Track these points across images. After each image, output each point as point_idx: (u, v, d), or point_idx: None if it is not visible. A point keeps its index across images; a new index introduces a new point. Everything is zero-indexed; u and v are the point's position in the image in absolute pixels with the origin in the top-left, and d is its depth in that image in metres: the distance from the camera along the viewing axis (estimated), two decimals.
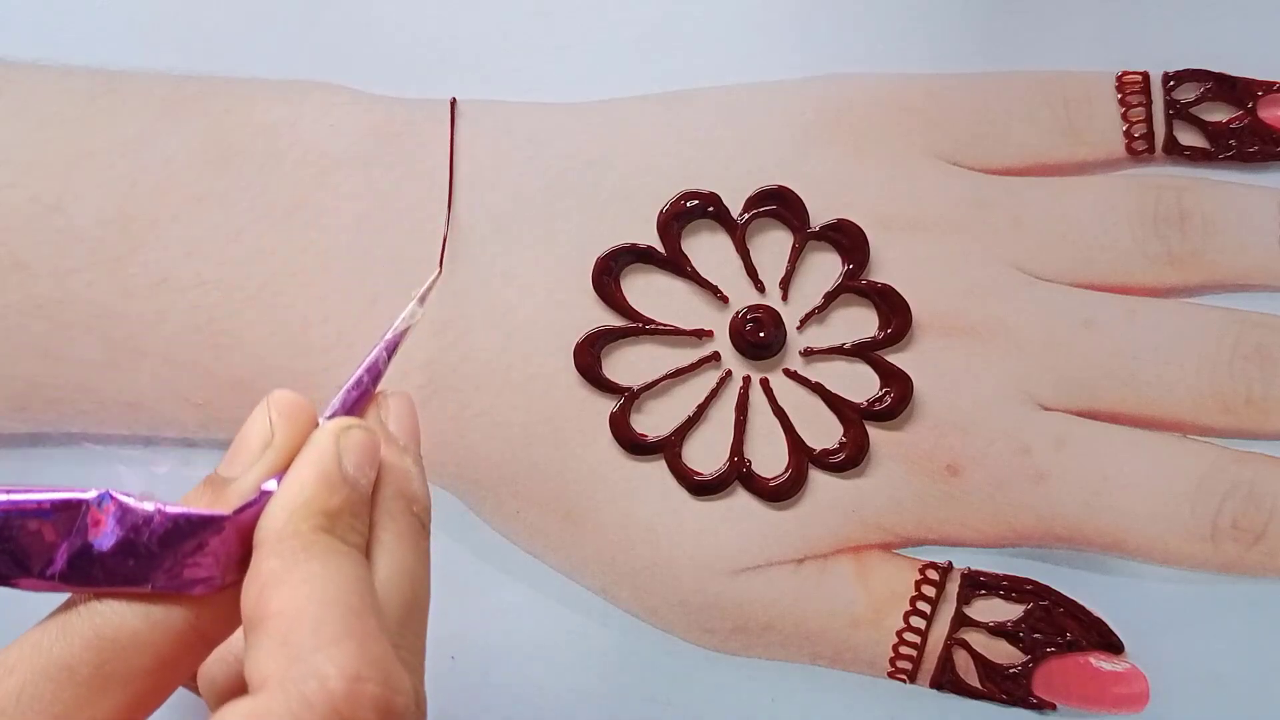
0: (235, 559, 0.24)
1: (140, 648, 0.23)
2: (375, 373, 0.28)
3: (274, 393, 0.26)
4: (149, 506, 0.24)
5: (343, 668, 0.21)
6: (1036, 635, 0.35)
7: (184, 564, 0.23)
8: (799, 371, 0.36)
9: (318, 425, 0.26)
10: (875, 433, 0.35)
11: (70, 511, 0.23)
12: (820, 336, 0.36)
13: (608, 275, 0.36)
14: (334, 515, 0.24)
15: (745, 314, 0.36)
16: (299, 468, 0.25)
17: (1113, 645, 0.35)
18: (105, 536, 0.23)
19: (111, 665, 0.23)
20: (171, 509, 0.24)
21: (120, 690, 0.23)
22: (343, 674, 0.21)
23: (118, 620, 0.23)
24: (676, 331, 0.36)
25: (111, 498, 0.23)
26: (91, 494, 0.23)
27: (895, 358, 0.36)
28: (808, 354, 0.36)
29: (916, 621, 0.35)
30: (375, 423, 0.27)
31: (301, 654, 0.21)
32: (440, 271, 0.35)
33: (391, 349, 0.29)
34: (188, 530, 0.24)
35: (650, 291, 0.36)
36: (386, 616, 0.24)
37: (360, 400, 0.28)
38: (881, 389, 0.36)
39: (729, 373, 0.36)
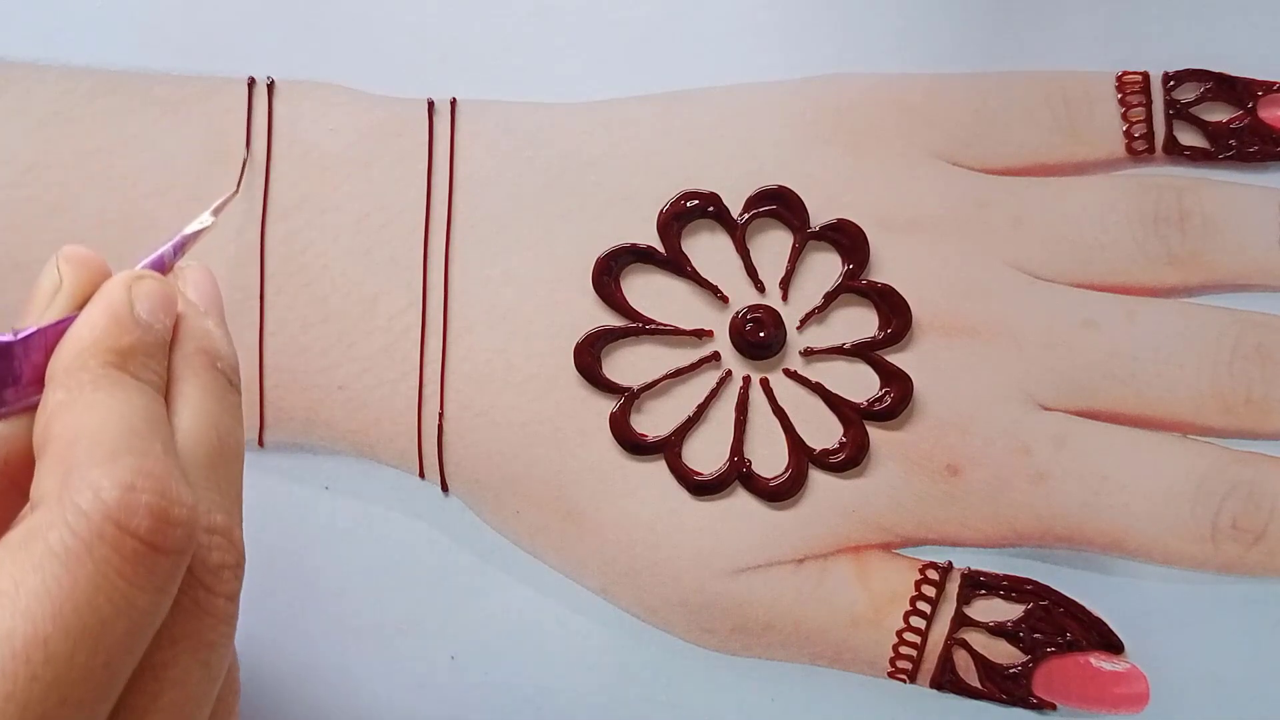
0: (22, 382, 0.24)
1: None
2: (159, 266, 0.28)
3: (64, 247, 0.26)
4: None
5: (116, 479, 0.21)
6: (1036, 635, 0.35)
7: None
8: (799, 371, 0.36)
9: (110, 276, 0.26)
10: (875, 433, 0.35)
11: None
12: (820, 336, 0.36)
13: (608, 275, 0.36)
14: (125, 353, 0.24)
15: (745, 314, 0.36)
16: (90, 310, 0.25)
17: (1113, 645, 0.35)
18: None
19: None
20: None
21: None
22: (117, 484, 0.21)
23: None
24: (676, 331, 0.36)
25: None
26: None
27: (895, 358, 0.36)
28: (808, 354, 0.36)
29: (916, 621, 0.35)
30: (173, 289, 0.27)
31: (77, 469, 0.22)
32: (236, 191, 0.35)
33: (178, 248, 0.29)
34: None
35: (650, 291, 0.36)
36: (191, 461, 0.24)
37: None
38: (881, 389, 0.36)
39: (729, 373, 0.36)
